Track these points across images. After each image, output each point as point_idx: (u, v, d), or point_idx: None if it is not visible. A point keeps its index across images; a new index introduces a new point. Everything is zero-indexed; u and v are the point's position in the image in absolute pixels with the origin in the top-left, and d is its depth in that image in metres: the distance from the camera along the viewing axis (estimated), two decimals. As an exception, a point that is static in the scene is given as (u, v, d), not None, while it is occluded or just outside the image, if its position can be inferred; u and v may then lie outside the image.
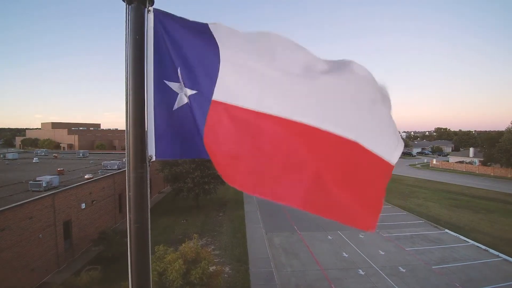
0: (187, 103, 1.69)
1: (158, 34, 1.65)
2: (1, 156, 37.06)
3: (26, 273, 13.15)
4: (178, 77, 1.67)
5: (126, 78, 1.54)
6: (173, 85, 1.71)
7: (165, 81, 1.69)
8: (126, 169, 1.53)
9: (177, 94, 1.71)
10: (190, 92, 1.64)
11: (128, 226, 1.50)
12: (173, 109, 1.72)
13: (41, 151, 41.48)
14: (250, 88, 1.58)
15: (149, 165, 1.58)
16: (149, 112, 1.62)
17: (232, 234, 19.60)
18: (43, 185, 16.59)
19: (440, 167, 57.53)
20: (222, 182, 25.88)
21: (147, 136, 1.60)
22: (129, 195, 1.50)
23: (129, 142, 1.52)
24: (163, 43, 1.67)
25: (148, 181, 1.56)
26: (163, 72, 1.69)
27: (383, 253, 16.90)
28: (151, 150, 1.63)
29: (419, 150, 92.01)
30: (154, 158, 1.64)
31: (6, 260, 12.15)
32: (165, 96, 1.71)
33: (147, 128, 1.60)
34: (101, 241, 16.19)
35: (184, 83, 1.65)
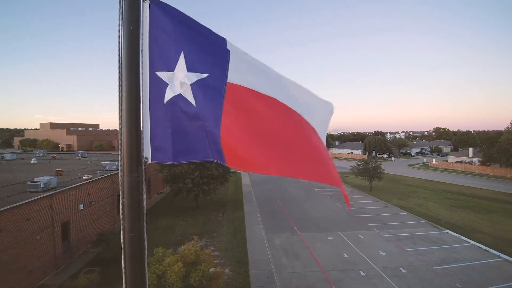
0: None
1: (154, 22, 1.51)
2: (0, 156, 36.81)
3: (24, 275, 13.00)
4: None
5: (120, 73, 1.39)
6: (163, 75, 1.59)
7: (156, 72, 1.58)
8: (119, 172, 1.38)
9: (167, 85, 1.60)
10: (196, 77, 1.63)
11: (122, 236, 1.36)
12: (164, 103, 1.60)
13: (39, 152, 41.25)
14: (256, 76, 1.84)
15: (145, 168, 1.43)
16: (144, 109, 1.47)
17: (232, 235, 19.45)
18: (41, 186, 16.43)
19: (440, 167, 57.54)
20: (222, 183, 25.78)
21: (142, 136, 1.45)
22: (123, 202, 1.35)
23: (122, 142, 1.36)
24: (159, 30, 1.53)
25: (144, 186, 1.41)
26: (155, 62, 1.57)
27: (383, 253, 16.79)
28: (147, 151, 1.49)
29: (418, 150, 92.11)
30: (150, 161, 1.49)
31: (3, 262, 12.01)
32: (158, 89, 1.58)
33: (142, 127, 1.45)
34: (100, 242, 16.07)
35: (187, 68, 1.63)
